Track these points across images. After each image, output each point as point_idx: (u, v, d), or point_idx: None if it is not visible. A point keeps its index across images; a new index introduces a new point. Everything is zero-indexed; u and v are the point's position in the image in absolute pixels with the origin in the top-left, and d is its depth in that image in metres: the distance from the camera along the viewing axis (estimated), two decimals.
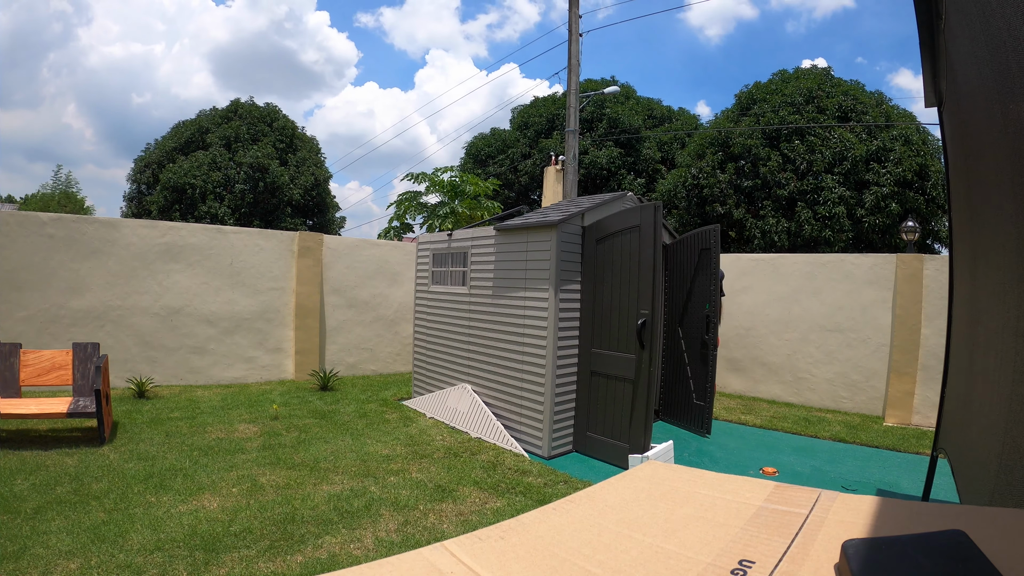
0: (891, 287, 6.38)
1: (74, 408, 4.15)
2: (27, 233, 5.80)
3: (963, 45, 1.65)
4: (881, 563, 0.59)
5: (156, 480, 3.50)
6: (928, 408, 5.96)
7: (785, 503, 0.86)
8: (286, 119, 22.63)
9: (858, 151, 13.69)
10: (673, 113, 23.27)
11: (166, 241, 6.52)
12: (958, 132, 2.20)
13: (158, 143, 22.01)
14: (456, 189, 12.83)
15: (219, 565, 2.51)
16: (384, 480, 3.70)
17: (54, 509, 2.98)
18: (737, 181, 15.12)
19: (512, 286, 4.84)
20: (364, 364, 8.03)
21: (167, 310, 6.52)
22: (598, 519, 0.85)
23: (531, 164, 21.28)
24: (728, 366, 7.44)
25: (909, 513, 0.82)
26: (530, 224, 4.70)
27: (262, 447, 4.33)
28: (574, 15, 10.76)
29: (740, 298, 7.38)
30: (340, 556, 2.67)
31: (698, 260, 5.47)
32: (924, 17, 2.09)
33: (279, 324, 7.28)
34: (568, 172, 10.74)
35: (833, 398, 6.76)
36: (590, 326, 4.62)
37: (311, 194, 21.98)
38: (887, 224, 13.55)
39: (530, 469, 4.03)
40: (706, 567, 0.68)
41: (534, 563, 0.70)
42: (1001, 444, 1.42)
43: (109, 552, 2.56)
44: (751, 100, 16.37)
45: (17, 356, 4.46)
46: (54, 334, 5.87)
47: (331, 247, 7.67)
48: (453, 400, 5.41)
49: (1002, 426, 1.44)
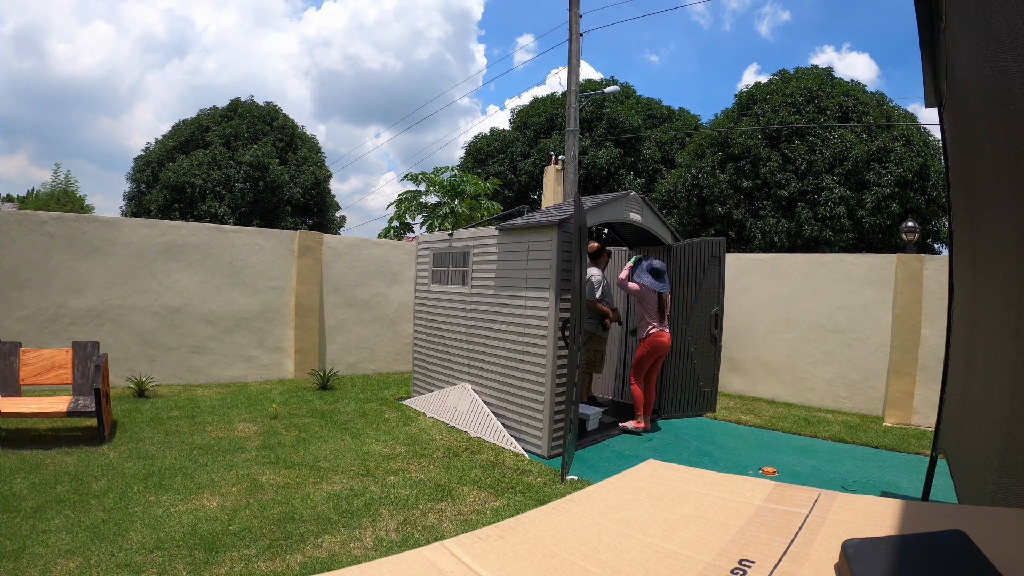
0: (891, 287, 6.38)
1: (74, 407, 4.14)
2: (27, 232, 5.79)
3: (963, 45, 1.65)
4: (881, 563, 0.59)
5: (156, 479, 3.50)
6: (928, 408, 5.96)
7: (785, 503, 0.86)
8: (286, 118, 22.63)
9: (859, 151, 13.68)
10: (673, 113, 23.26)
11: (166, 240, 6.52)
12: (958, 132, 2.20)
13: (158, 142, 22.00)
14: (456, 189, 12.84)
15: (219, 564, 2.51)
16: (384, 479, 3.70)
17: (53, 508, 2.98)
18: (737, 181, 15.11)
19: (513, 286, 4.83)
20: (364, 363, 8.03)
21: (167, 309, 6.52)
22: (598, 518, 0.85)
23: (531, 164, 21.28)
24: (728, 366, 7.44)
25: (909, 513, 0.82)
26: (532, 224, 4.70)
27: (262, 446, 4.32)
28: (574, 15, 10.76)
29: (740, 298, 7.38)
30: (340, 555, 2.67)
31: (707, 264, 6.03)
32: (924, 17, 2.09)
33: (279, 323, 7.28)
34: (568, 172, 10.74)
35: (833, 398, 6.76)
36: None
37: (311, 193, 21.98)
38: (888, 224, 13.55)
39: (530, 468, 4.03)
40: (706, 566, 0.68)
41: (534, 562, 0.70)
42: (1003, 445, 1.42)
43: (108, 551, 2.56)
44: (751, 100, 16.36)
45: (17, 355, 4.46)
46: (54, 333, 5.87)
47: (331, 246, 7.67)
48: (453, 399, 5.41)
49: (1004, 426, 1.44)
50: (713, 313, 6.08)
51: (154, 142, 22.30)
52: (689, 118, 22.87)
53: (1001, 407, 1.48)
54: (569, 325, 4.26)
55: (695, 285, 5.98)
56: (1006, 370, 1.44)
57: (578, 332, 4.15)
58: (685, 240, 6.00)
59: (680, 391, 6.00)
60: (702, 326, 6.03)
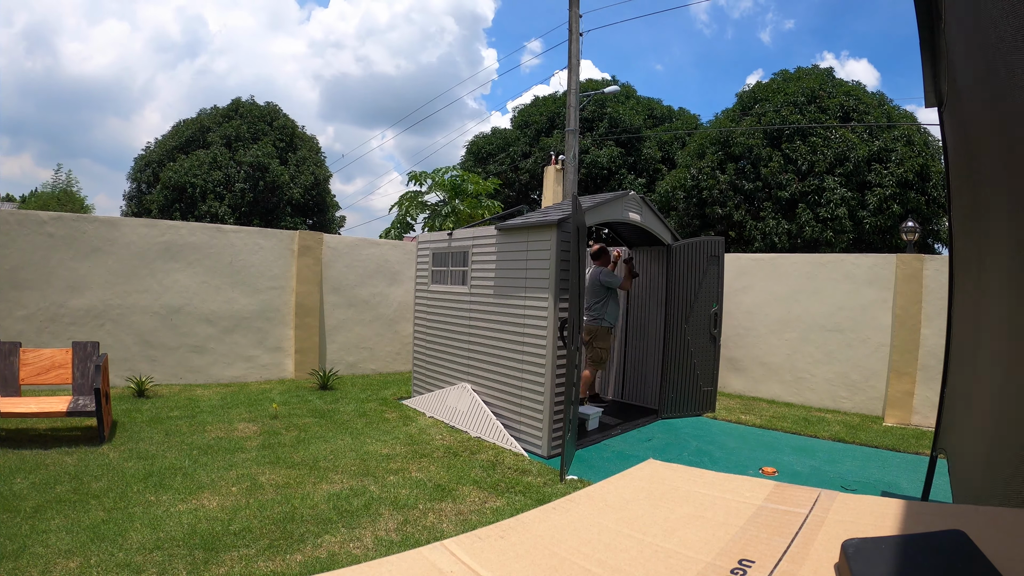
0: (891, 287, 6.38)
1: (74, 407, 4.14)
2: (27, 232, 5.79)
3: (959, 45, 1.65)
4: (881, 563, 0.59)
5: (156, 479, 3.50)
6: (928, 408, 5.96)
7: (785, 503, 0.86)
8: (286, 118, 22.62)
9: (860, 151, 13.67)
10: (673, 113, 23.25)
11: (166, 240, 6.52)
12: (958, 132, 2.20)
13: (158, 142, 21.99)
14: (457, 188, 12.84)
15: (218, 564, 2.51)
16: (384, 479, 3.70)
17: (53, 508, 2.98)
18: (737, 182, 15.09)
19: (513, 285, 4.83)
20: (364, 363, 8.03)
21: (167, 309, 6.52)
22: (598, 518, 0.85)
23: (532, 163, 21.27)
24: (728, 366, 7.44)
25: (909, 513, 0.82)
26: (531, 224, 4.70)
27: (262, 446, 4.32)
28: (574, 15, 10.75)
29: (740, 298, 7.38)
30: (340, 555, 2.67)
31: (706, 264, 6.05)
32: (924, 17, 2.08)
33: (279, 323, 7.28)
34: (568, 171, 10.74)
35: (833, 398, 6.76)
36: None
37: (311, 193, 21.97)
38: (888, 224, 13.54)
39: (530, 468, 4.03)
40: (706, 566, 0.68)
41: (534, 562, 0.70)
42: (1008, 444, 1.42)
43: (108, 551, 2.56)
44: (752, 100, 16.34)
45: (17, 355, 4.46)
46: (54, 333, 5.87)
47: (331, 246, 7.67)
48: (453, 399, 5.41)
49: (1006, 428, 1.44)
50: (712, 313, 6.10)
51: (154, 142, 22.30)
52: (689, 118, 22.85)
53: (1004, 408, 1.48)
54: (568, 325, 4.26)
55: (694, 285, 5.98)
56: (1009, 371, 1.44)
57: (577, 332, 4.15)
58: (684, 240, 6.01)
59: (680, 391, 6.00)
60: (701, 326, 6.03)
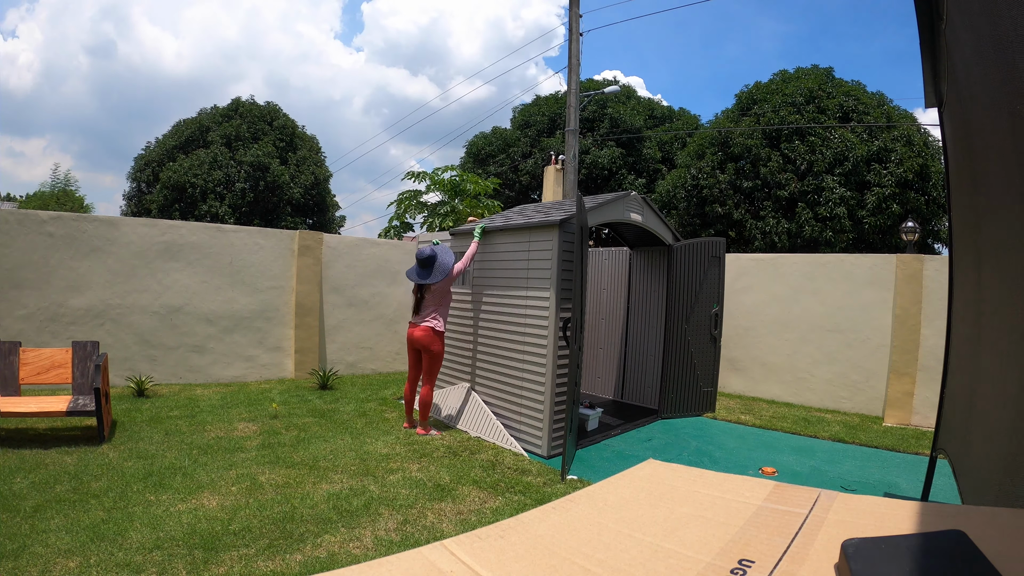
0: (891, 287, 6.38)
1: (73, 406, 4.14)
2: (27, 231, 5.79)
3: (967, 45, 1.64)
4: (881, 563, 0.59)
5: (155, 479, 3.50)
6: (928, 408, 5.96)
7: (785, 503, 0.86)
8: (286, 118, 22.64)
9: (859, 151, 13.68)
10: (674, 113, 23.27)
11: (166, 240, 6.52)
12: (961, 132, 2.20)
13: (159, 141, 22.00)
14: (456, 188, 12.83)
15: (218, 564, 2.51)
16: (383, 479, 3.70)
17: (53, 508, 2.98)
18: (737, 181, 15.10)
19: (514, 285, 4.83)
20: (364, 363, 8.02)
21: (167, 308, 6.52)
22: (598, 518, 0.85)
23: (532, 163, 21.27)
24: (728, 366, 7.44)
25: (909, 513, 0.82)
26: (533, 223, 4.70)
27: (261, 446, 4.32)
28: (574, 14, 10.75)
29: (740, 298, 7.38)
30: (339, 555, 2.67)
31: (707, 265, 6.05)
32: (925, 18, 2.08)
33: (279, 323, 7.28)
34: (568, 172, 10.74)
35: (833, 398, 6.76)
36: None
37: (311, 193, 21.98)
38: (888, 225, 13.55)
39: (529, 468, 4.03)
40: (706, 566, 0.67)
41: (534, 562, 0.70)
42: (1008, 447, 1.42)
43: (108, 551, 2.56)
44: (751, 100, 16.35)
45: (16, 354, 4.45)
46: (54, 332, 5.87)
47: (331, 246, 7.67)
48: (453, 399, 5.41)
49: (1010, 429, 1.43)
50: (713, 313, 6.10)
51: (154, 141, 22.30)
52: (689, 118, 22.87)
53: (1007, 409, 1.48)
54: (570, 325, 4.26)
55: (695, 285, 5.98)
56: (1012, 373, 1.44)
57: (579, 332, 4.15)
58: (685, 240, 6.01)
59: (680, 391, 6.00)
60: (702, 326, 6.03)
